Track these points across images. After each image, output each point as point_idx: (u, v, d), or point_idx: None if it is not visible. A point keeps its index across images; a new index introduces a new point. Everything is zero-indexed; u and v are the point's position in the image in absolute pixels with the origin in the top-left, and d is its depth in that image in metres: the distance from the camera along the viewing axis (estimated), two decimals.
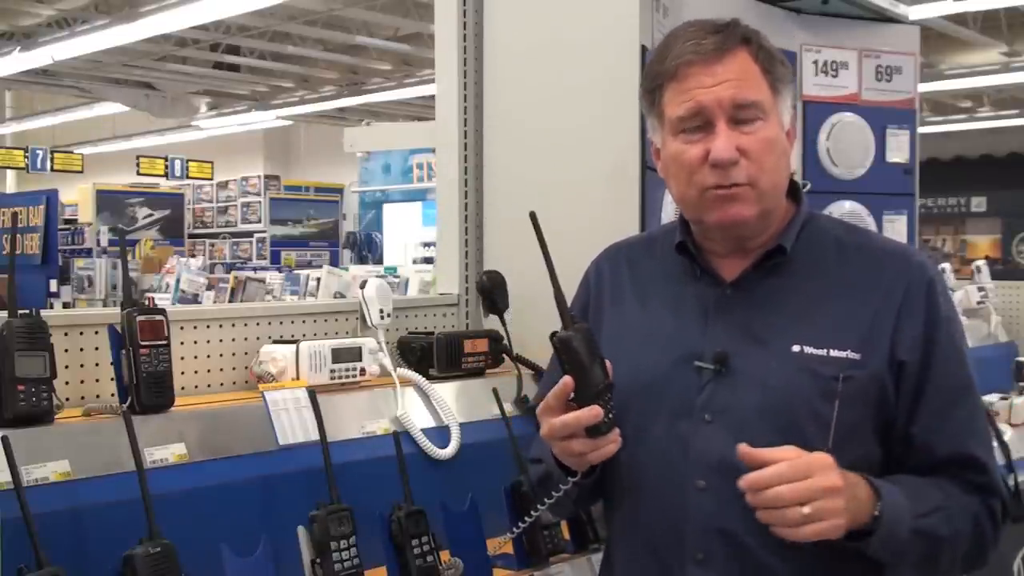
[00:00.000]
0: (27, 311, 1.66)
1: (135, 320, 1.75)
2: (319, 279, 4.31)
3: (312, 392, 1.86)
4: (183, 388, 1.95)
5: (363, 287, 2.24)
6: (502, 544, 2.00)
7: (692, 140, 1.43)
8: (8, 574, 1.42)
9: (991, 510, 1.44)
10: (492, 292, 2.48)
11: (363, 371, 2.10)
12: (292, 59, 13.71)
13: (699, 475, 1.43)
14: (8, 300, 1.67)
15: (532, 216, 1.44)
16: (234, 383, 2.09)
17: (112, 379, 1.79)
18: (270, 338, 2.14)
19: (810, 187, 2.89)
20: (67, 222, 12.82)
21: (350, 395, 2.07)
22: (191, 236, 14.49)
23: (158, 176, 15.37)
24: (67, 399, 1.79)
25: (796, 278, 1.48)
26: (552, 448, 1.44)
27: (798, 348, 1.42)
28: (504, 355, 2.40)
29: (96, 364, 1.87)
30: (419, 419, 2.11)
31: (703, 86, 1.42)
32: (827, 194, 3.04)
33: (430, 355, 2.27)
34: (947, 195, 16.19)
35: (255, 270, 8.59)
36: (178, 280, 6.19)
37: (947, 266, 3.97)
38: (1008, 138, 15.54)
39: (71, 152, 15.87)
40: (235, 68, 14.53)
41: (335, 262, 12.49)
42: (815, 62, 3.05)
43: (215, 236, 15.18)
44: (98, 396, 1.85)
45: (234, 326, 2.10)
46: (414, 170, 12.60)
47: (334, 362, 2.06)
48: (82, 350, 1.86)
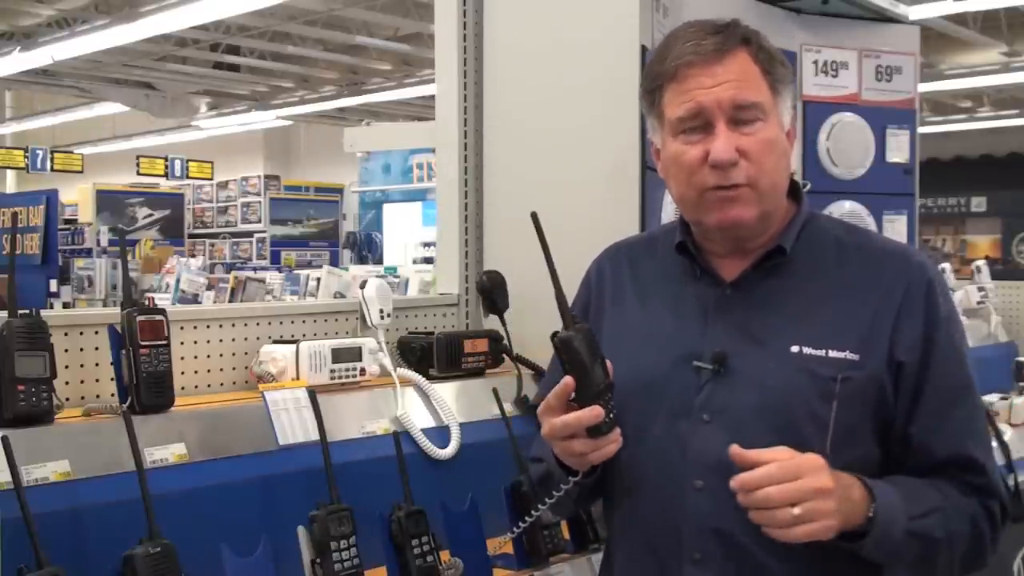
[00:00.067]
0: (27, 311, 1.66)
1: (135, 320, 1.75)
2: (319, 279, 4.31)
3: (312, 392, 1.86)
4: (183, 388, 1.95)
5: (363, 287, 2.24)
6: (502, 544, 2.00)
7: (692, 141, 1.43)
8: (8, 574, 1.42)
9: (990, 511, 1.44)
10: (492, 292, 2.48)
11: (363, 371, 2.10)
12: (292, 59, 13.71)
13: (697, 475, 1.43)
14: (8, 300, 1.67)
15: (533, 216, 1.44)
16: (234, 383, 2.09)
17: (112, 379, 1.80)
18: (270, 338, 2.15)
19: (810, 187, 2.89)
20: (67, 222, 12.82)
21: (350, 395, 2.07)
22: (191, 236, 14.48)
23: (158, 176, 15.37)
24: (67, 399, 1.79)
25: (796, 278, 1.48)
26: (553, 448, 1.45)
27: (797, 349, 1.42)
28: (504, 355, 2.40)
29: (96, 364, 1.87)
30: (419, 419, 2.11)
31: (703, 87, 1.42)
32: (827, 194, 3.04)
33: (430, 355, 2.27)
34: (947, 195, 16.19)
35: (255, 270, 8.59)
36: (178, 280, 6.19)
37: (947, 266, 3.96)
38: (1008, 138, 15.53)
39: (71, 152, 15.87)
40: (235, 68, 14.53)
41: (335, 262, 12.49)
42: (815, 62, 3.05)
43: (215, 236, 15.18)
44: (98, 396, 1.85)
45: (234, 326, 2.10)
46: (414, 170, 12.59)
47: (334, 362, 2.06)
48: (82, 350, 1.86)
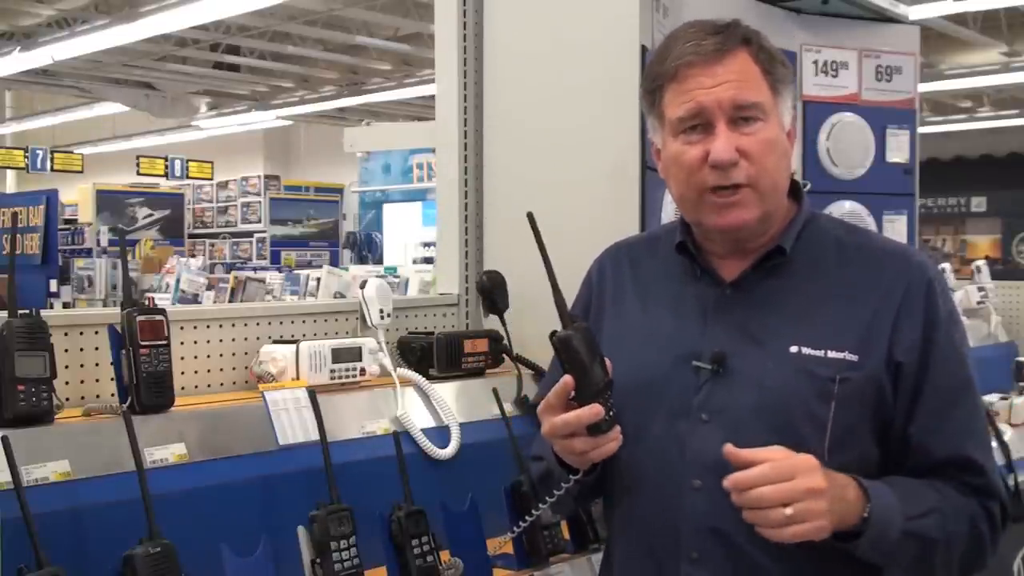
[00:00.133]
0: (27, 311, 1.66)
1: (135, 320, 1.75)
2: (319, 279, 4.31)
3: (312, 392, 1.86)
4: (183, 388, 1.95)
5: (363, 287, 2.24)
6: (502, 544, 2.00)
7: (692, 141, 1.43)
8: (8, 574, 1.42)
9: (989, 512, 1.43)
10: (492, 292, 2.48)
11: (363, 371, 2.10)
12: (292, 59, 13.71)
13: (695, 475, 1.43)
14: (8, 300, 1.67)
15: (529, 216, 1.45)
16: (234, 383, 2.09)
17: (112, 379, 1.79)
18: (270, 338, 2.14)
19: (810, 187, 2.89)
20: (67, 222, 12.82)
21: (350, 395, 2.07)
22: (191, 236, 14.48)
23: (158, 176, 15.37)
24: (67, 399, 1.79)
25: (796, 279, 1.48)
26: (553, 446, 1.45)
27: (796, 349, 1.42)
28: (504, 355, 2.40)
29: (96, 364, 1.87)
30: (419, 419, 2.11)
31: (703, 87, 1.42)
32: (827, 194, 3.04)
33: (430, 355, 2.27)
34: (947, 195, 16.19)
35: (255, 270, 8.59)
36: (178, 280, 6.19)
37: (947, 266, 3.96)
38: (1008, 138, 15.53)
39: (71, 152, 15.87)
40: (235, 68, 14.53)
41: (335, 262, 12.49)
42: (815, 62, 3.05)
43: (215, 236, 15.17)
44: (98, 396, 1.85)
45: (234, 326, 2.10)
46: (414, 170, 12.59)
47: (334, 362, 2.06)
48: (82, 350, 1.86)
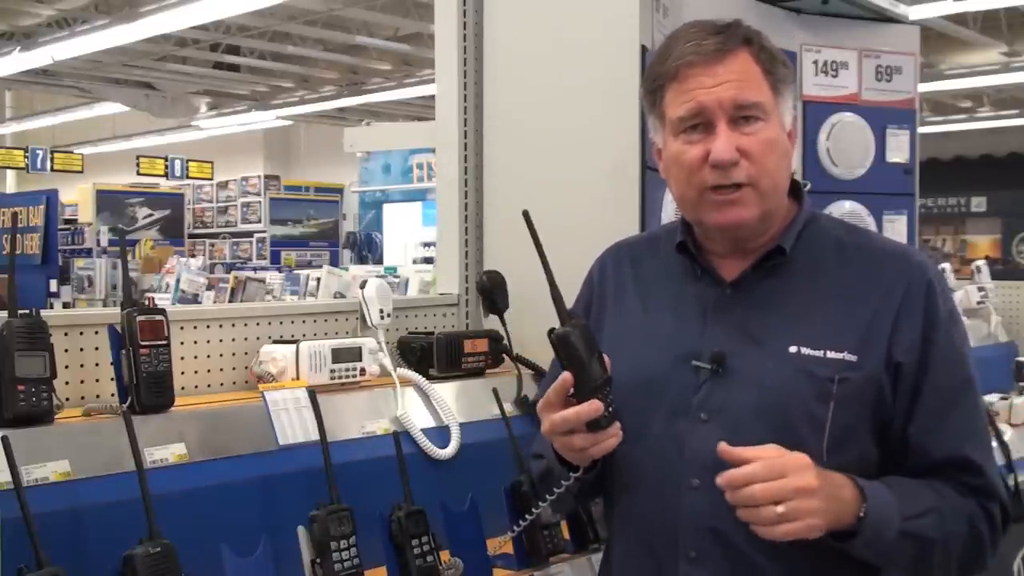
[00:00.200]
0: (27, 311, 1.66)
1: (135, 320, 1.75)
2: (319, 279, 4.31)
3: (312, 392, 1.86)
4: (183, 388, 1.95)
5: (363, 287, 2.24)
6: (502, 544, 2.00)
7: (693, 140, 1.44)
8: (8, 574, 1.42)
9: (988, 513, 1.43)
10: (492, 292, 2.48)
11: (363, 371, 2.10)
12: (292, 59, 13.71)
13: (693, 474, 1.43)
14: (8, 300, 1.67)
15: (525, 214, 1.45)
16: (234, 383, 2.09)
17: (112, 379, 1.79)
18: (270, 338, 2.14)
19: (810, 187, 2.89)
20: (67, 222, 12.82)
21: (350, 395, 2.07)
22: (191, 236, 14.48)
23: (158, 176, 15.37)
24: (67, 399, 1.79)
25: (796, 279, 1.48)
26: (553, 443, 1.45)
27: (795, 349, 1.42)
28: (504, 355, 2.40)
29: (96, 364, 1.87)
30: (419, 419, 2.11)
31: (704, 87, 1.42)
32: (827, 194, 3.04)
33: (430, 355, 2.27)
34: (947, 195, 16.19)
35: (255, 270, 8.59)
36: (178, 280, 6.19)
37: (947, 266, 3.96)
38: (1008, 138, 15.53)
39: (71, 152, 15.87)
40: (235, 68, 14.53)
41: (335, 262, 12.49)
42: (815, 62, 3.05)
43: (215, 236, 15.17)
44: (98, 396, 1.85)
45: (234, 326, 2.10)
46: (414, 170, 12.60)
47: (334, 362, 2.06)
48: (82, 350, 1.86)
